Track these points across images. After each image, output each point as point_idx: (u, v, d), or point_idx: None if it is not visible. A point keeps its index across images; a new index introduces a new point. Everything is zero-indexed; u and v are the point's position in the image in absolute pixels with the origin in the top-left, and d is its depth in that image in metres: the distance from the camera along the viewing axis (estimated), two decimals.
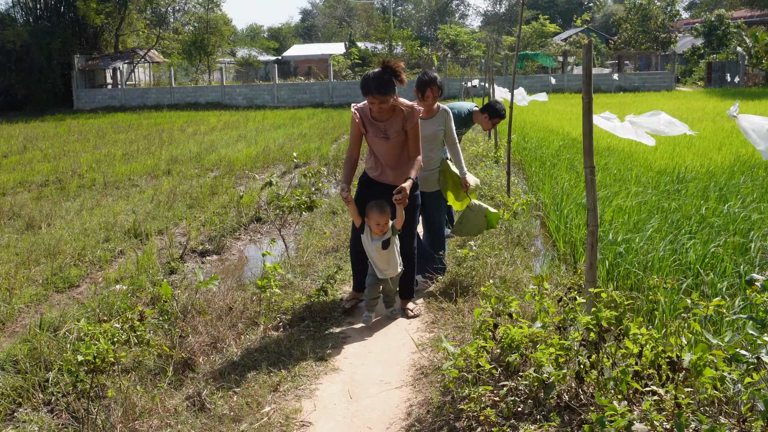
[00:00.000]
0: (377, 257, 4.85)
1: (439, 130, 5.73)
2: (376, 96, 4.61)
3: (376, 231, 4.78)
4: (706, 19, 44.44)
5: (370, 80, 4.62)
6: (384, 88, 4.60)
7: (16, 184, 11.57)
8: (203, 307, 4.80)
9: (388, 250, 4.82)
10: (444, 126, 5.75)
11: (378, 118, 4.83)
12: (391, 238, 4.82)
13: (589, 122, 4.09)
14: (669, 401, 2.83)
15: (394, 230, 4.84)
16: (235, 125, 23.08)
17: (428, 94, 5.62)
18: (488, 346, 3.37)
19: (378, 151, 4.96)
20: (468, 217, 5.75)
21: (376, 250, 4.83)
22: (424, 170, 5.60)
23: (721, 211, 6.43)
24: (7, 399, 3.77)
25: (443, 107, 5.79)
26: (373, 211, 4.78)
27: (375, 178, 5.05)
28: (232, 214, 8.88)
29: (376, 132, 4.85)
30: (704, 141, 12.08)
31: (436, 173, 5.77)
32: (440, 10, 78.40)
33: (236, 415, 3.57)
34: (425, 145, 5.46)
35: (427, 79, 5.60)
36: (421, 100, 5.64)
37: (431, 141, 5.68)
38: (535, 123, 17.88)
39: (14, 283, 5.88)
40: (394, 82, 4.65)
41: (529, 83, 35.48)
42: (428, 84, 5.59)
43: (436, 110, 5.76)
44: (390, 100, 4.68)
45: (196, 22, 44.62)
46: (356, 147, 4.98)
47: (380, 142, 4.88)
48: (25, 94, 35.71)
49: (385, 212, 4.76)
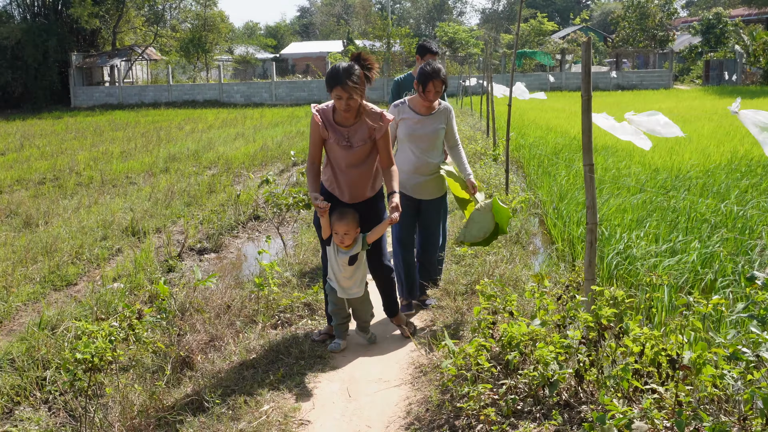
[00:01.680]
0: (341, 274, 4.33)
1: (439, 129, 4.99)
2: (345, 87, 4.03)
3: (340, 243, 4.27)
4: (703, 18, 44.47)
5: (339, 69, 4.08)
6: (355, 77, 4.06)
7: (14, 181, 11.54)
8: (201, 306, 4.79)
9: (355, 266, 4.32)
10: (446, 124, 5.03)
11: (342, 122, 4.25)
12: (360, 253, 4.33)
13: (588, 120, 4.08)
14: (669, 399, 2.82)
15: (364, 244, 4.33)
16: (233, 123, 23.05)
17: (430, 88, 4.80)
18: (487, 344, 3.35)
19: (337, 161, 4.33)
20: (474, 218, 4.94)
21: (342, 266, 4.30)
22: (422, 175, 4.96)
23: (719, 209, 6.42)
24: (5, 398, 3.76)
25: (444, 104, 5.07)
26: (335, 219, 4.24)
27: (332, 192, 4.42)
28: (230, 212, 8.86)
29: (338, 138, 4.25)
30: (703, 139, 12.08)
31: (434, 179, 5.03)
32: (438, 8, 78.31)
33: (234, 414, 3.56)
34: (423, 145, 4.93)
35: (430, 70, 4.77)
36: (421, 95, 4.85)
37: (430, 141, 4.97)
38: (533, 121, 17.88)
39: (12, 281, 5.86)
40: (364, 77, 4.15)
41: (527, 81, 35.49)
42: (431, 77, 4.76)
43: (436, 106, 5.00)
44: (358, 95, 4.10)
45: (194, 20, 44.60)
46: (317, 152, 4.38)
47: (341, 151, 4.27)
48: (22, 92, 35.68)
49: (350, 222, 4.23)
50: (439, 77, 4.80)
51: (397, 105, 5.01)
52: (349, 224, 4.22)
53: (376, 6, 72.17)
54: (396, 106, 5.01)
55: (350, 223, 4.22)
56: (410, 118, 4.94)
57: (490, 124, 13.99)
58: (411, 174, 4.97)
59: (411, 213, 5.05)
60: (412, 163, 4.96)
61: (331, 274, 4.39)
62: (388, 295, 4.69)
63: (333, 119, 4.26)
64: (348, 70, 4.08)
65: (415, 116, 4.94)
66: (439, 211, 5.18)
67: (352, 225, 4.23)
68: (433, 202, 5.09)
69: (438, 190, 5.09)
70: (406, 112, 4.97)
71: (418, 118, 4.94)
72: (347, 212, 4.25)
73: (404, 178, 4.93)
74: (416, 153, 4.95)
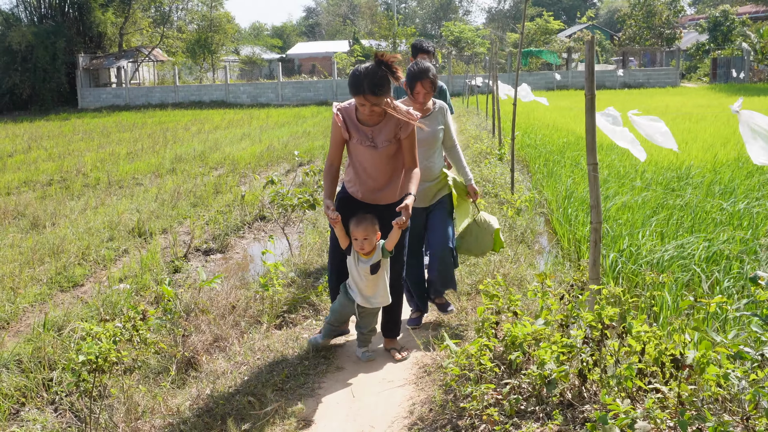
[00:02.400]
0: (364, 284, 4.09)
1: (438, 131, 4.71)
2: (369, 97, 3.80)
3: (360, 250, 4.03)
4: (710, 15, 44.29)
5: (361, 77, 3.79)
6: (379, 88, 3.78)
7: (21, 183, 11.60)
8: (206, 306, 4.80)
9: (377, 275, 4.09)
10: (444, 125, 4.76)
11: (366, 121, 4.02)
12: (382, 261, 4.09)
13: (592, 119, 4.08)
14: (672, 399, 2.82)
15: (385, 252, 4.07)
16: (240, 123, 23.10)
17: (418, 89, 4.51)
18: (491, 344, 3.35)
19: (361, 162, 4.10)
20: (472, 231, 4.76)
21: (364, 276, 4.07)
22: (426, 181, 4.64)
23: (725, 208, 6.40)
24: (11, 399, 3.78)
25: (439, 103, 4.77)
26: (353, 226, 4.00)
27: (354, 194, 4.20)
28: (236, 212, 8.88)
29: (362, 139, 4.02)
30: (709, 137, 12.03)
31: (436, 184, 4.76)
32: (444, 7, 78.25)
33: (239, 414, 3.57)
34: (422, 149, 4.57)
35: (417, 70, 4.50)
36: (411, 98, 4.60)
37: (429, 145, 4.67)
38: (539, 120, 17.85)
39: (19, 283, 5.90)
40: (389, 80, 3.84)
41: (533, 80, 35.45)
42: (418, 77, 4.48)
43: (431, 107, 4.72)
44: (384, 102, 3.89)
45: (200, 21, 44.71)
46: (337, 154, 4.14)
47: (365, 152, 4.04)
48: (30, 94, 35.85)
49: (369, 227, 3.98)
50: (428, 77, 4.49)
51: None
52: (367, 229, 3.97)
53: (382, 6, 72.19)
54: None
55: (368, 227, 3.98)
56: None
57: (496, 123, 13.98)
58: None
59: (420, 224, 4.75)
60: None
61: (351, 283, 4.18)
62: (391, 314, 4.41)
63: (356, 118, 4.04)
64: (372, 79, 3.78)
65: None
66: (446, 207, 4.81)
67: (371, 230, 3.98)
68: (440, 202, 4.80)
69: (442, 190, 4.81)
70: None
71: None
72: (365, 217, 4.00)
73: None
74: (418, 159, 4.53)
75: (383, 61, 3.83)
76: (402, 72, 3.93)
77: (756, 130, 3.04)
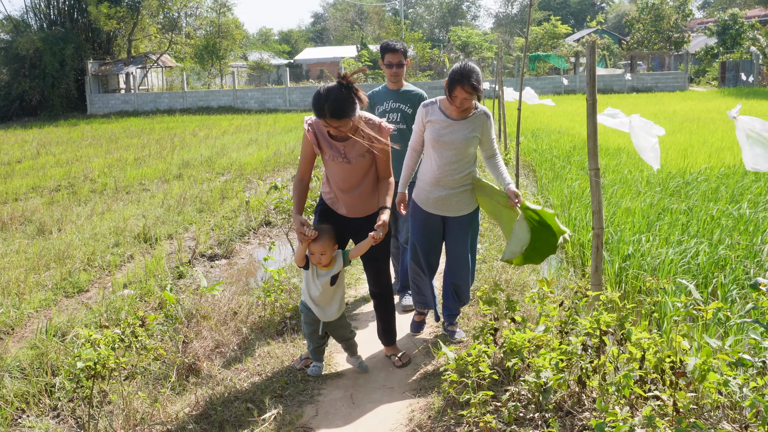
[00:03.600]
0: (320, 296, 3.97)
1: (471, 137, 4.29)
2: (330, 121, 3.64)
3: (318, 263, 3.91)
4: (719, 19, 44.10)
5: (322, 100, 3.60)
6: (340, 111, 3.60)
7: (29, 189, 11.67)
8: (208, 312, 4.81)
9: (336, 286, 3.99)
10: (480, 133, 4.33)
11: (337, 136, 3.86)
12: (341, 272, 4.02)
13: (594, 124, 4.07)
14: (671, 407, 2.80)
15: (346, 261, 3.99)
16: (247, 129, 23.17)
17: (456, 94, 4.17)
18: (489, 350, 3.34)
19: (335, 176, 3.98)
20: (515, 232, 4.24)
21: (323, 288, 3.95)
22: (446, 188, 4.34)
23: (730, 213, 6.36)
24: (13, 405, 3.79)
25: (483, 109, 4.35)
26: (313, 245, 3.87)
27: (332, 206, 4.10)
28: (242, 218, 8.91)
29: (334, 155, 3.88)
30: (716, 141, 11.97)
31: (463, 193, 4.38)
32: (451, 12, 78.32)
33: (237, 421, 3.57)
34: (448, 153, 4.28)
35: (458, 73, 4.15)
36: (448, 99, 4.28)
37: (458, 150, 4.29)
38: (546, 124, 17.81)
39: (24, 288, 5.92)
40: (354, 100, 3.65)
41: (541, 84, 35.40)
42: (458, 82, 4.14)
43: (471, 110, 4.32)
44: (350, 123, 3.70)
45: (208, 27, 44.87)
46: (308, 169, 4.01)
47: (338, 166, 3.91)
48: (40, 100, 36.06)
49: (326, 240, 3.86)
50: (469, 83, 4.10)
51: (427, 105, 4.38)
52: (324, 243, 3.85)
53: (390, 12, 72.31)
54: (425, 105, 4.38)
55: (326, 241, 3.85)
56: (439, 121, 4.30)
57: (502, 127, 13.97)
58: (432, 186, 4.38)
59: (434, 232, 4.49)
60: (434, 174, 4.34)
61: (306, 297, 4.03)
62: (385, 321, 4.31)
63: (328, 133, 3.86)
64: (333, 103, 3.59)
65: (445, 120, 4.29)
66: (467, 228, 4.46)
67: (328, 243, 3.87)
68: (460, 219, 4.43)
69: (466, 205, 4.41)
70: (435, 113, 4.33)
71: (448, 122, 4.28)
72: (322, 230, 3.88)
73: (425, 191, 4.41)
74: (439, 162, 4.31)
75: (344, 84, 3.65)
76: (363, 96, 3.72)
77: (751, 136, 3.02)
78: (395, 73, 5.11)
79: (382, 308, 4.29)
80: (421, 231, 4.49)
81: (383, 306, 4.28)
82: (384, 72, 5.23)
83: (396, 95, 5.22)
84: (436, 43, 54.55)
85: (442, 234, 4.53)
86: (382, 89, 5.30)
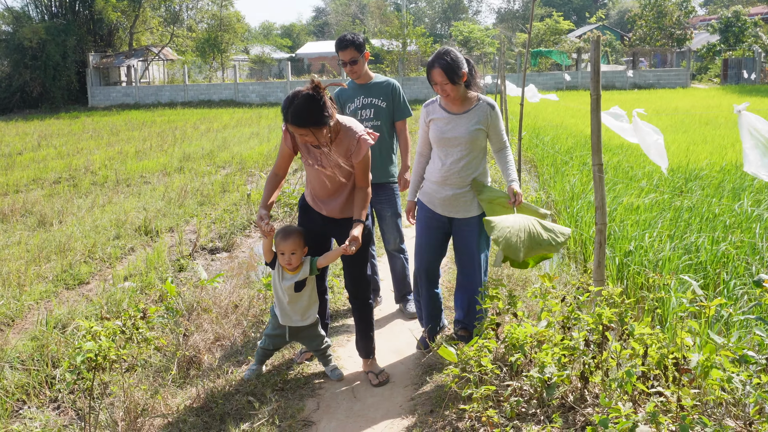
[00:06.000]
0: (286, 302, 3.85)
1: (475, 131, 4.01)
2: (291, 127, 3.44)
3: (287, 265, 3.79)
4: (722, 16, 44.02)
5: (287, 104, 3.39)
6: (301, 120, 3.38)
7: (30, 181, 11.66)
8: (208, 305, 4.80)
9: (302, 293, 3.86)
10: (485, 125, 4.05)
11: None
12: (308, 278, 3.87)
13: (597, 119, 4.05)
14: (675, 403, 2.79)
15: (313, 269, 3.84)
16: (248, 122, 23.15)
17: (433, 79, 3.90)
18: (491, 345, 3.33)
19: (312, 181, 3.85)
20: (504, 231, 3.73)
21: (286, 292, 3.83)
22: (453, 187, 4.07)
23: (733, 209, 6.35)
24: (13, 397, 3.79)
25: (486, 100, 4.09)
26: (280, 239, 3.75)
27: (311, 204, 3.95)
28: (243, 211, 8.89)
29: (311, 160, 3.72)
30: (719, 138, 11.96)
31: (465, 194, 4.09)
32: (454, 7, 78.16)
33: (238, 414, 3.56)
34: (453, 150, 4.04)
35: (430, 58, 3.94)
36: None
37: (463, 146, 4.03)
38: (548, 120, 17.79)
39: (25, 280, 5.92)
40: (321, 113, 3.38)
41: (543, 80, 35.36)
42: (430, 66, 3.90)
43: (473, 102, 4.06)
44: (313, 133, 3.44)
45: (210, 20, 44.82)
46: (283, 165, 3.84)
47: (314, 172, 3.77)
48: (41, 92, 36.01)
49: (297, 240, 3.76)
50: (439, 64, 3.82)
51: (427, 105, 4.16)
52: (295, 242, 3.74)
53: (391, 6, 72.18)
54: (426, 106, 4.17)
55: (297, 241, 3.75)
56: (440, 118, 4.08)
57: (504, 123, 13.94)
58: (439, 186, 4.11)
59: (439, 235, 4.20)
60: (440, 173, 4.08)
61: (275, 302, 3.93)
62: (362, 332, 4.08)
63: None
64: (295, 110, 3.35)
65: (446, 115, 4.07)
66: (477, 230, 4.11)
67: (299, 244, 3.76)
68: (470, 220, 4.12)
69: (476, 205, 4.11)
70: (437, 111, 4.11)
71: (450, 117, 4.05)
72: (293, 230, 3.79)
73: (431, 191, 4.15)
74: (445, 160, 4.06)
75: (312, 94, 3.37)
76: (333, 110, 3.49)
77: (753, 135, 3.00)
78: (351, 71, 4.73)
79: (357, 315, 4.07)
80: (424, 231, 4.22)
81: (358, 312, 4.06)
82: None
83: (366, 90, 4.82)
84: (438, 38, 54.44)
85: (447, 238, 4.24)
86: (349, 85, 4.90)
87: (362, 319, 4.06)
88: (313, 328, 3.98)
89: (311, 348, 4.05)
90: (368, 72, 4.83)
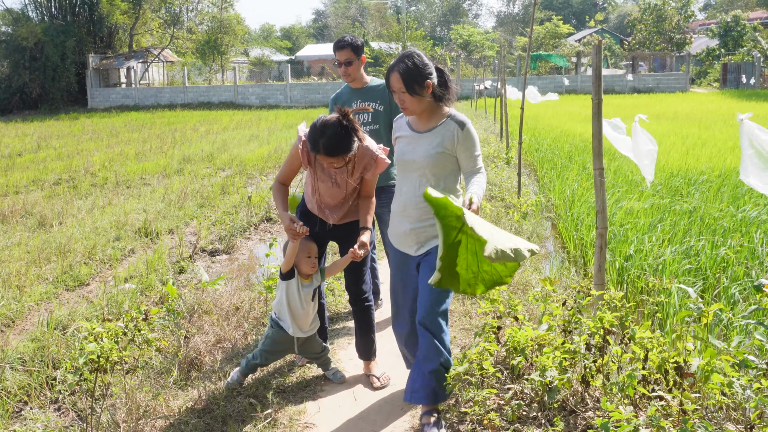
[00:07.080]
0: (302, 311, 3.77)
1: (436, 154, 3.34)
2: (323, 158, 3.42)
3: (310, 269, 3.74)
4: (721, 20, 44.12)
5: (317, 135, 3.34)
6: (334, 150, 3.35)
7: (30, 182, 11.66)
8: (210, 307, 4.81)
9: (314, 301, 3.85)
10: (450, 148, 3.34)
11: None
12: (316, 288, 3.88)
13: (599, 124, 4.06)
14: (676, 407, 2.80)
15: (322, 277, 3.89)
16: (248, 125, 23.16)
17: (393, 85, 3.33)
18: (492, 348, 3.34)
19: (320, 191, 3.78)
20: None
21: (305, 301, 3.76)
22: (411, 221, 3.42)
23: (733, 214, 6.36)
24: (14, 398, 3.79)
25: (456, 117, 3.37)
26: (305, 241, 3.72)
27: (312, 211, 3.93)
28: (243, 213, 8.90)
29: (324, 178, 3.71)
30: (718, 142, 11.98)
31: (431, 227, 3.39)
32: (453, 10, 78.28)
33: (239, 416, 3.57)
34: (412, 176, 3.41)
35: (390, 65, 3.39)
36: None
37: (422, 172, 3.38)
38: (547, 124, 17.81)
39: (25, 281, 5.92)
40: (352, 139, 3.37)
41: (542, 84, 35.41)
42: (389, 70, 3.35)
43: (441, 118, 3.39)
44: (344, 160, 3.45)
45: (210, 22, 44.86)
46: (289, 177, 3.83)
47: (326, 186, 3.74)
48: (40, 93, 36.03)
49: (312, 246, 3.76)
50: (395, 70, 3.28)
51: (397, 119, 3.65)
52: (312, 247, 3.74)
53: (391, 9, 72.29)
54: (395, 120, 3.66)
55: (313, 246, 3.76)
56: (404, 136, 3.50)
57: (504, 126, 13.96)
58: (397, 217, 3.54)
59: (403, 275, 3.59)
60: (399, 203, 3.51)
61: (284, 314, 3.78)
62: (363, 335, 4.07)
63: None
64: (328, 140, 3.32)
65: (410, 133, 3.47)
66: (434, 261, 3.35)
67: (314, 249, 3.77)
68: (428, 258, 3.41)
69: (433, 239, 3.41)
70: (402, 128, 3.54)
71: (412, 135, 3.44)
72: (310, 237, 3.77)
73: (392, 223, 3.62)
74: (403, 187, 3.47)
75: (341, 122, 3.34)
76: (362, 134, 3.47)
77: (753, 145, 3.01)
78: (345, 72, 4.63)
79: (358, 318, 4.07)
80: (392, 272, 3.72)
81: (359, 315, 4.06)
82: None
83: (362, 94, 4.72)
84: (437, 42, 54.50)
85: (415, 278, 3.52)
86: (345, 90, 4.80)
87: (363, 321, 4.06)
88: (315, 337, 3.97)
89: (312, 356, 4.02)
90: (363, 76, 4.74)
